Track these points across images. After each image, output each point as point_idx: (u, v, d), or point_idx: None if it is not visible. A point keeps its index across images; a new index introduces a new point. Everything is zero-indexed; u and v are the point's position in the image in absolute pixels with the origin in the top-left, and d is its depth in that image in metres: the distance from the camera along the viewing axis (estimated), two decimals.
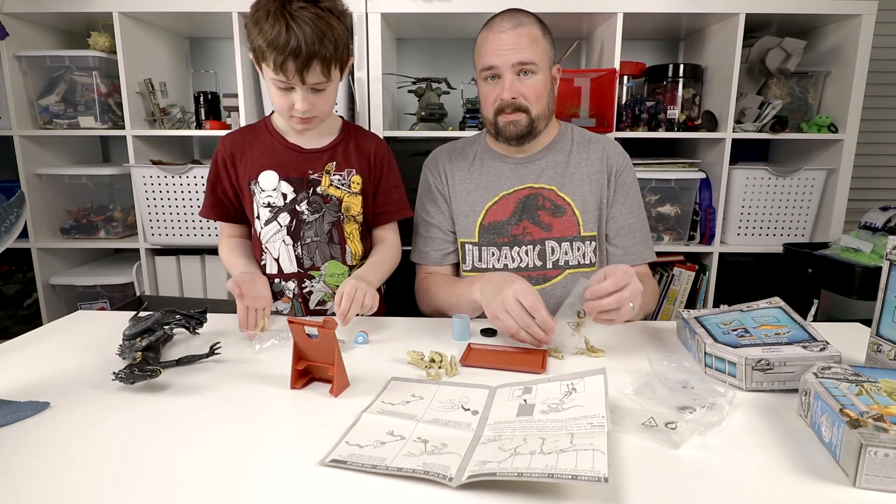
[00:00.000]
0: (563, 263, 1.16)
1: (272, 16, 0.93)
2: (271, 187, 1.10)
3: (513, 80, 1.09)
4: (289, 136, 1.12)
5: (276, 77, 0.97)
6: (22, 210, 0.72)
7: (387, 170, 1.18)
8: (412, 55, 2.14)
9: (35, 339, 0.97)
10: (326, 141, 1.13)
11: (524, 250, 1.17)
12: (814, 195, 1.84)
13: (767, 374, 0.74)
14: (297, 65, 0.94)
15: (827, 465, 0.58)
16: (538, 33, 1.10)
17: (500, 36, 1.09)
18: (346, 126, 1.16)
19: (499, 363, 0.85)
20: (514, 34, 1.08)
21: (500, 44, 1.08)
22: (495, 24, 1.11)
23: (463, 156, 1.23)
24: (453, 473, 0.55)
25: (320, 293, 1.14)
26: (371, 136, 1.19)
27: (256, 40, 0.96)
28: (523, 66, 1.08)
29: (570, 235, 1.16)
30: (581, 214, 1.17)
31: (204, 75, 2.10)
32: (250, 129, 1.15)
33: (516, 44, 1.08)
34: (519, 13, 1.12)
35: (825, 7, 1.70)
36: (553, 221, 1.17)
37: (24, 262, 1.93)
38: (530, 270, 1.17)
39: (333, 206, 1.12)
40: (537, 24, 1.12)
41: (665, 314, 1.91)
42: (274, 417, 0.70)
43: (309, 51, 0.93)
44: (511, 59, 1.08)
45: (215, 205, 1.15)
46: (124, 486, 0.55)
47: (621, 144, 1.25)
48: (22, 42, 1.79)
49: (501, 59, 1.08)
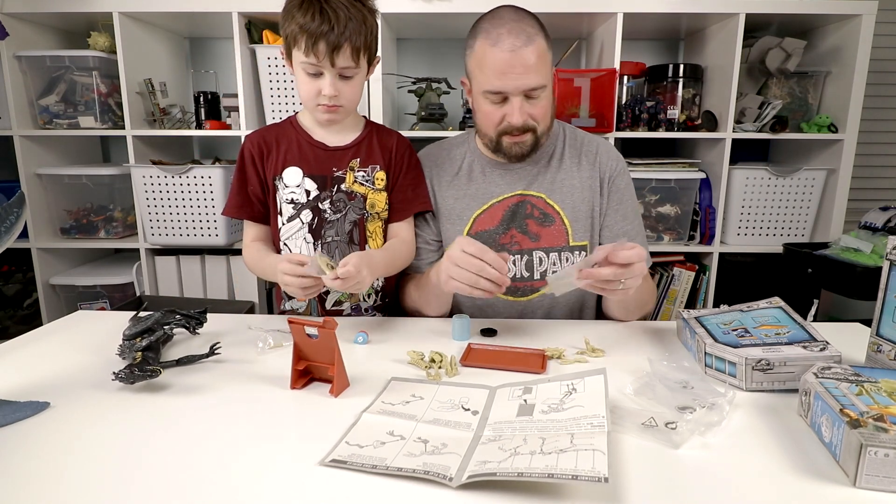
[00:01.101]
0: (551, 274, 1.11)
1: (306, 2, 0.97)
2: (295, 183, 1.09)
3: (522, 103, 1.01)
4: (314, 134, 1.11)
5: (307, 60, 0.98)
6: (22, 210, 0.72)
7: (406, 164, 1.15)
8: (412, 55, 2.14)
9: (35, 339, 0.97)
10: (351, 138, 1.13)
11: (511, 260, 1.12)
12: (814, 195, 1.84)
13: (767, 374, 0.74)
14: (328, 46, 0.96)
15: (827, 465, 0.58)
16: (544, 46, 1.01)
17: (508, 57, 0.97)
18: (368, 124, 1.16)
19: (499, 363, 0.85)
20: (523, 55, 0.97)
21: (509, 67, 0.98)
22: (501, 40, 0.98)
23: (449, 160, 1.18)
24: (453, 473, 0.55)
25: (337, 293, 1.14)
26: (392, 133, 1.18)
27: (289, 27, 0.98)
28: (533, 90, 1.00)
29: (558, 246, 1.12)
30: (570, 224, 1.12)
31: (204, 75, 2.10)
32: (276, 127, 1.14)
33: (526, 66, 0.98)
34: (523, 22, 1.00)
35: (825, 7, 1.70)
36: (541, 231, 1.12)
37: (24, 262, 1.93)
38: (517, 281, 1.13)
39: (358, 203, 1.11)
40: (541, 31, 1.01)
41: (665, 314, 1.91)
42: (274, 417, 0.70)
43: (340, 33, 0.96)
44: (522, 85, 0.99)
45: (244, 204, 1.12)
46: (124, 486, 0.55)
47: (621, 144, 1.24)
48: (22, 42, 1.79)
49: (511, 86, 0.99)
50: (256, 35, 1.78)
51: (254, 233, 1.14)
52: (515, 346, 0.92)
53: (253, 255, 1.12)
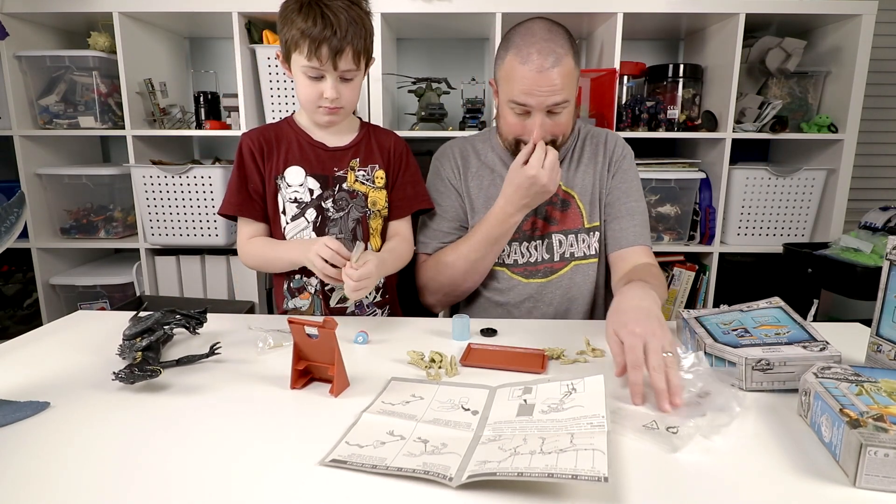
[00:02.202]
0: (568, 255, 1.18)
1: (306, 7, 0.97)
2: (298, 183, 1.10)
3: (544, 120, 1.04)
4: (313, 134, 1.12)
5: (309, 64, 0.99)
6: (22, 210, 0.72)
7: (404, 164, 1.19)
8: (412, 55, 2.14)
9: (35, 339, 0.97)
10: (349, 139, 1.15)
11: (533, 245, 1.18)
12: (814, 195, 1.84)
13: (767, 374, 0.74)
14: (331, 50, 0.97)
15: (827, 465, 0.58)
16: (572, 65, 1.03)
17: (537, 77, 1.00)
18: (364, 125, 1.18)
19: (499, 363, 0.85)
20: (553, 75, 1.00)
21: (536, 86, 1.01)
22: (531, 59, 1.00)
23: (474, 153, 1.23)
24: (453, 473, 0.55)
25: (342, 291, 1.15)
26: (389, 133, 1.21)
27: (289, 32, 0.99)
28: (556, 105, 1.03)
29: (575, 228, 1.17)
30: (584, 206, 1.18)
31: (204, 75, 2.10)
32: (274, 126, 1.15)
33: (553, 86, 1.01)
34: (553, 42, 1.01)
35: (825, 7, 1.70)
36: (559, 215, 1.18)
37: (24, 262, 1.93)
38: (538, 264, 1.18)
39: (360, 202, 1.13)
40: (570, 49, 1.03)
41: (665, 314, 1.90)
42: (274, 417, 0.70)
43: (342, 37, 0.97)
44: (546, 102, 1.02)
45: (245, 202, 1.11)
46: (124, 486, 0.55)
47: None
48: (22, 42, 1.79)
49: (535, 101, 1.02)
50: (256, 35, 1.78)
51: (251, 230, 1.13)
52: (515, 346, 0.92)
53: (260, 247, 1.12)
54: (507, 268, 1.19)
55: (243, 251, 1.14)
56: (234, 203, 1.11)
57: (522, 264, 1.18)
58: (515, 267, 1.18)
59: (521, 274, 1.18)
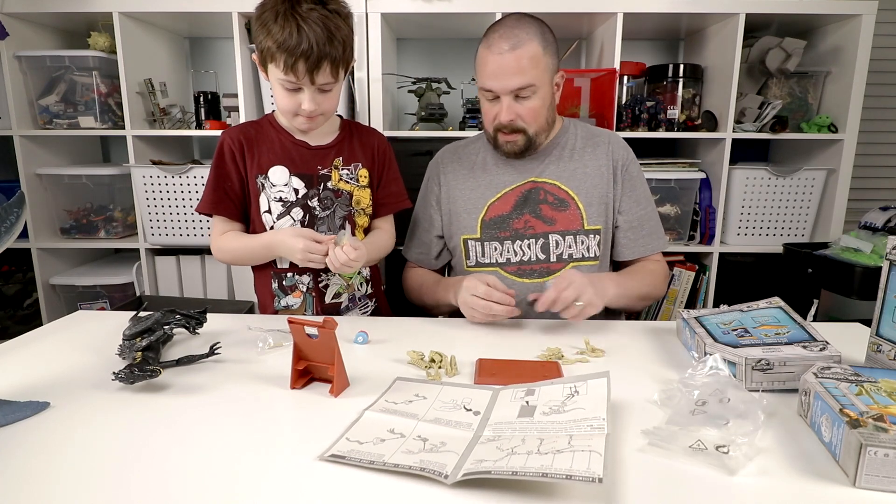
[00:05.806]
0: (566, 257, 1.18)
1: (282, 17, 0.94)
2: (282, 182, 1.10)
3: (510, 103, 1.08)
4: (295, 133, 1.13)
5: (286, 78, 0.98)
6: (22, 210, 0.72)
7: (388, 162, 1.21)
8: (412, 55, 2.14)
9: (35, 339, 0.97)
10: (330, 138, 1.15)
11: (526, 244, 1.18)
12: (814, 195, 1.84)
13: (767, 374, 0.74)
14: (307, 66, 0.96)
15: (827, 465, 0.58)
16: (538, 51, 1.06)
17: (498, 59, 1.05)
18: (345, 123, 1.19)
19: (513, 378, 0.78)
20: (512, 57, 1.04)
21: (499, 67, 1.05)
22: (493, 44, 1.06)
23: (466, 155, 1.25)
24: (449, 471, 0.55)
25: (336, 286, 1.15)
26: (372, 131, 1.22)
27: (265, 42, 0.97)
28: (521, 90, 1.07)
29: (573, 229, 1.17)
30: (585, 208, 1.17)
31: (204, 75, 2.10)
32: (254, 125, 1.14)
33: (515, 68, 1.05)
34: (519, 28, 1.07)
35: (825, 7, 1.70)
36: (556, 215, 1.18)
37: (24, 262, 1.93)
38: (533, 264, 1.18)
39: (344, 200, 1.14)
40: (538, 37, 1.07)
41: (665, 314, 1.91)
42: (274, 417, 0.70)
43: (320, 52, 0.95)
44: (508, 85, 1.06)
45: (220, 200, 1.10)
46: (124, 486, 0.55)
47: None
48: (22, 42, 1.79)
49: (499, 84, 1.07)
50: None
51: (225, 228, 1.14)
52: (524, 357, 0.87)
53: (234, 240, 1.12)
54: (500, 267, 1.19)
55: (216, 246, 1.14)
56: (210, 201, 1.11)
57: (515, 263, 1.18)
58: (508, 266, 1.19)
59: (515, 273, 1.18)
